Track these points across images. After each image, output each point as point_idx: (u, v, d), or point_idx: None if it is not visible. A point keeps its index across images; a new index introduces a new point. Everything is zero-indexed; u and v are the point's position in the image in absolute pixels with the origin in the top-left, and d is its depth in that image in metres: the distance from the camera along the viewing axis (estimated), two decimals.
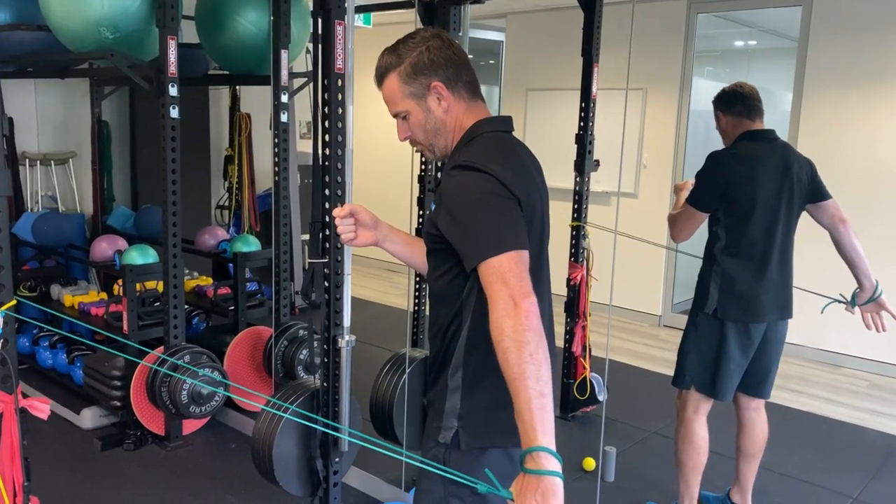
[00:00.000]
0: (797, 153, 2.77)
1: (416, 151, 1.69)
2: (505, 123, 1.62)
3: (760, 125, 2.76)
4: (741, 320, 2.69)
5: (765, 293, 2.69)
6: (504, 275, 1.33)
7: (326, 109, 2.57)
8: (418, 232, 3.38)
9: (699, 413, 2.80)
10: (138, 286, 3.54)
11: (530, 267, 1.45)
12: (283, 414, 2.62)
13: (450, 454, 1.53)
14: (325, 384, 2.71)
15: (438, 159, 1.63)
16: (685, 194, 2.87)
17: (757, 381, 2.82)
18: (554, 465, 1.20)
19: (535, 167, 1.61)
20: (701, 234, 2.86)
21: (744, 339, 2.70)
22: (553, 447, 1.21)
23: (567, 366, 3.99)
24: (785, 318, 2.77)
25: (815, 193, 2.75)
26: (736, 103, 2.77)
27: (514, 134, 1.63)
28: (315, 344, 2.86)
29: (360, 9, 4.79)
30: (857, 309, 2.86)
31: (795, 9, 5.26)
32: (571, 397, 3.97)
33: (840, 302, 2.87)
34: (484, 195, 1.41)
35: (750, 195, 2.66)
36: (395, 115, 1.59)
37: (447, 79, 1.53)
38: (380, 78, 1.59)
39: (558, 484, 1.19)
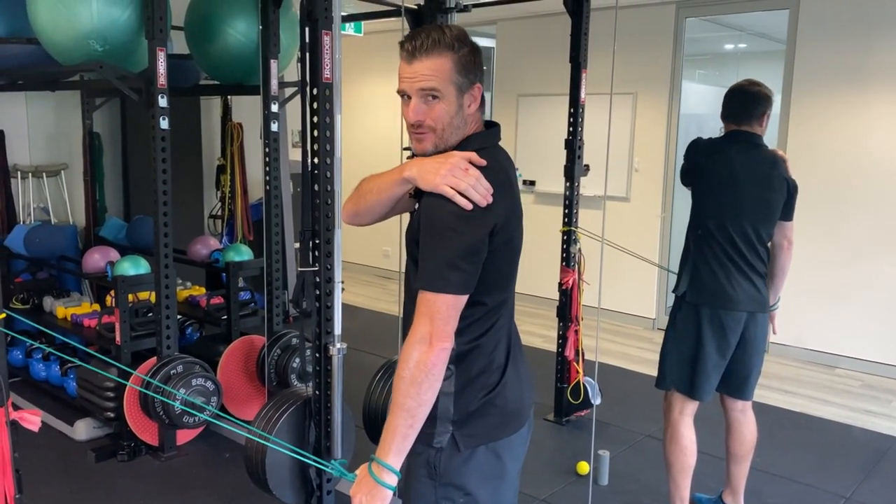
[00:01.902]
0: (786, 169, 2.82)
1: (415, 137, 1.56)
2: (494, 136, 1.62)
3: (746, 128, 2.80)
4: (710, 306, 2.73)
5: (735, 284, 2.73)
6: (433, 313, 1.43)
7: (315, 119, 2.59)
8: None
9: (684, 414, 2.83)
10: (130, 297, 3.55)
11: (506, 275, 1.56)
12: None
13: (440, 457, 1.56)
14: (317, 392, 2.72)
15: (432, 153, 1.55)
16: None
17: (737, 382, 2.85)
18: (391, 480, 1.47)
19: (515, 177, 1.64)
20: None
21: (719, 335, 2.73)
22: (398, 468, 1.47)
23: (560, 370, 4.00)
24: (763, 312, 2.81)
25: (785, 212, 2.84)
26: (723, 107, 2.87)
27: (506, 139, 1.65)
28: (307, 352, 2.87)
29: (347, 18, 4.82)
30: None
31: (783, 12, 5.30)
32: (565, 401, 3.98)
33: None
34: (453, 227, 1.44)
35: (712, 189, 2.76)
36: (423, 91, 1.50)
37: (481, 86, 1.57)
38: (426, 50, 1.48)
39: (388, 496, 1.47)
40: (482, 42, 7.37)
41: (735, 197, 2.72)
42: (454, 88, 1.51)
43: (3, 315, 1.85)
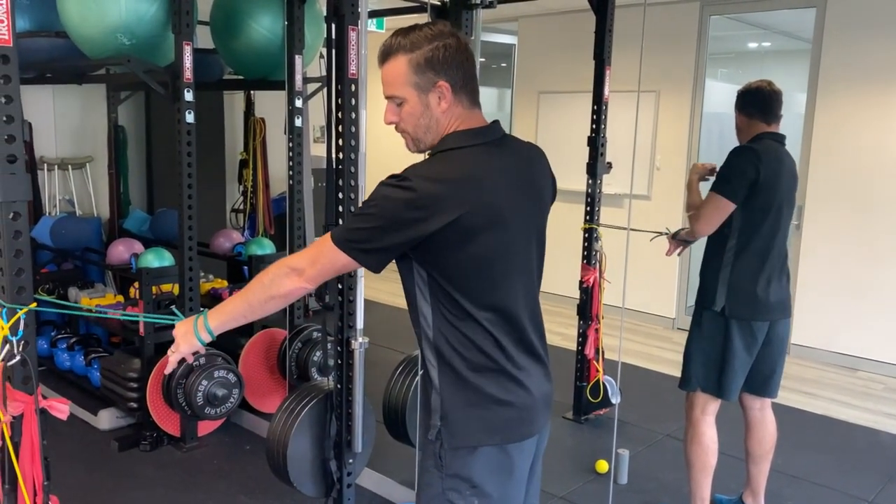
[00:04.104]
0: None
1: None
2: (478, 135, 1.54)
3: (776, 129, 2.77)
4: (747, 319, 2.70)
5: (772, 292, 2.71)
6: (318, 257, 1.52)
7: (340, 114, 2.60)
8: None
9: (707, 414, 2.81)
10: (154, 289, 3.58)
11: (491, 281, 1.52)
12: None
13: (444, 450, 1.56)
14: (338, 386, 2.73)
15: (418, 152, 1.61)
16: (697, 177, 2.93)
17: (762, 379, 2.83)
18: (205, 337, 1.63)
19: (520, 177, 1.57)
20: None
21: (748, 337, 2.72)
22: (215, 334, 1.62)
23: (580, 369, 3.99)
24: (786, 317, 2.81)
25: None
26: (751, 105, 2.77)
27: (527, 136, 1.63)
28: (328, 346, 2.88)
29: (372, 14, 4.82)
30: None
31: (809, 10, 5.24)
32: (584, 400, 3.97)
33: (663, 234, 3.14)
34: (381, 210, 1.45)
35: (768, 196, 2.67)
36: (390, 98, 1.56)
37: (454, 82, 1.51)
38: (385, 56, 1.54)
39: (195, 345, 1.65)
40: (502, 39, 7.36)
41: (781, 202, 2.70)
42: (413, 90, 1.51)
43: (34, 304, 1.88)
